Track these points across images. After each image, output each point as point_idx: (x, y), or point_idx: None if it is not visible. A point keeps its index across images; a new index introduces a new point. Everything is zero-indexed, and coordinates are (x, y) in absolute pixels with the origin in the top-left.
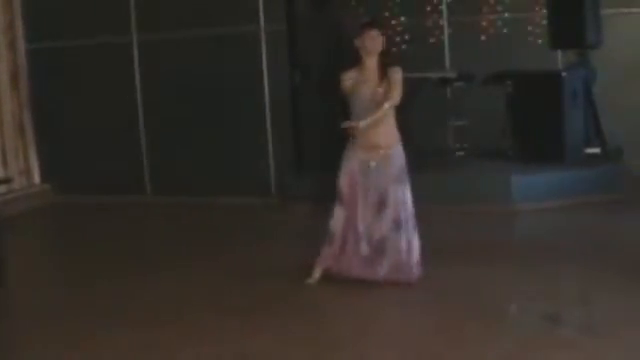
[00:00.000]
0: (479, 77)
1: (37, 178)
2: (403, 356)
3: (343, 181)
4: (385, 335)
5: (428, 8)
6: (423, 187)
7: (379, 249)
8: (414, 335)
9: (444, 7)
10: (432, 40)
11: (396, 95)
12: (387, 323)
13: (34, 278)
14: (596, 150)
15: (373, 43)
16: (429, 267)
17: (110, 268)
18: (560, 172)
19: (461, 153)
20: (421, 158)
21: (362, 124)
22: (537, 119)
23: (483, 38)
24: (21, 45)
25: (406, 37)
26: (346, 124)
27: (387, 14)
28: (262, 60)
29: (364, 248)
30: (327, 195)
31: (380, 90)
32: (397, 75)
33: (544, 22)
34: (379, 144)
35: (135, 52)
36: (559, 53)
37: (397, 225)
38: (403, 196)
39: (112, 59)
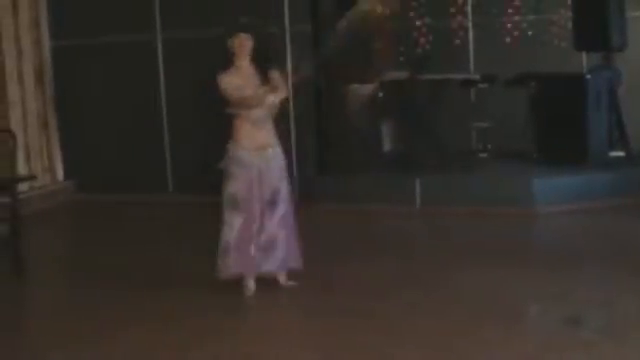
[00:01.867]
0: (503, 79)
1: (61, 175)
2: (425, 357)
3: (237, 187)
4: (406, 336)
5: (453, 9)
6: (445, 188)
7: (272, 244)
8: (434, 336)
9: (469, 9)
10: (456, 42)
11: (283, 91)
12: (407, 324)
13: (54, 275)
14: (620, 153)
15: (241, 45)
16: (450, 269)
17: (130, 266)
18: (583, 175)
19: (484, 155)
20: (444, 159)
21: (251, 113)
22: (561, 121)
23: (507, 40)
24: (46, 43)
25: (430, 38)
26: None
27: (412, 14)
28: (286, 60)
29: (255, 247)
30: (349, 195)
31: (259, 92)
32: (276, 74)
33: (569, 24)
34: (267, 143)
35: (159, 50)
36: (583, 55)
37: (284, 221)
38: (287, 193)
39: (136, 57)
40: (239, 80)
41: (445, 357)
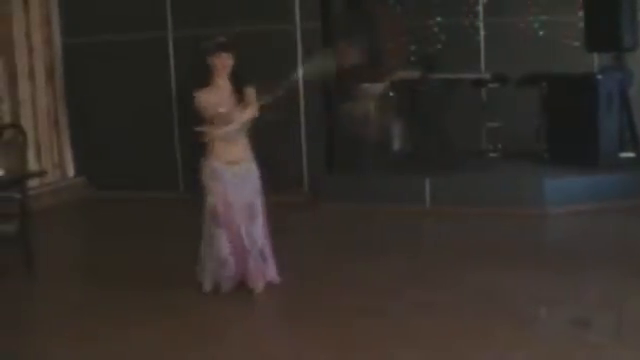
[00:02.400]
0: (514, 79)
1: (71, 172)
2: (431, 357)
3: (216, 200)
4: (413, 336)
5: (465, 9)
6: (455, 188)
7: (262, 256)
8: (443, 337)
9: (480, 8)
10: (468, 41)
11: (254, 108)
12: (415, 323)
13: (64, 271)
14: (630, 154)
15: (222, 64)
16: (460, 270)
17: (140, 264)
18: (594, 176)
19: (494, 155)
20: (455, 159)
21: (221, 131)
22: (572, 122)
23: (519, 40)
24: (57, 40)
25: (442, 38)
26: (201, 129)
27: (424, 14)
28: (297, 58)
29: (252, 258)
30: (359, 195)
31: (234, 109)
32: (251, 93)
33: (580, 24)
34: (241, 158)
35: (170, 48)
36: (595, 56)
37: (264, 232)
38: (262, 207)
39: (147, 54)
40: (215, 98)
41: (451, 358)
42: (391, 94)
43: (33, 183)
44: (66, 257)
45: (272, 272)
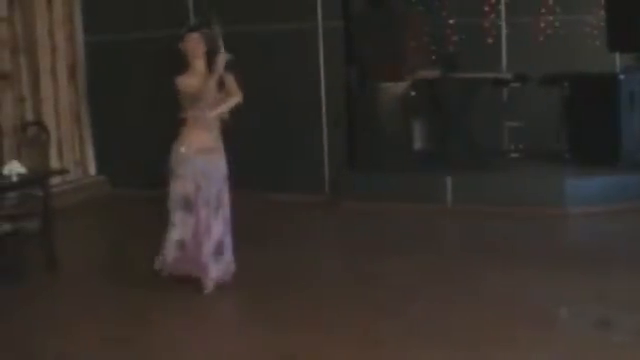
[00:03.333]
0: (535, 78)
1: (92, 170)
2: (451, 356)
3: (186, 187)
4: (434, 335)
5: (486, 8)
6: (476, 188)
7: (219, 249)
8: (462, 336)
9: (502, 7)
10: (489, 40)
11: (239, 93)
12: (435, 323)
13: (85, 269)
14: None
15: (194, 46)
16: (480, 269)
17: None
18: (615, 176)
19: (515, 154)
20: (476, 159)
21: (213, 113)
22: (593, 122)
23: (540, 39)
24: (79, 38)
25: (463, 37)
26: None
27: (445, 13)
28: (319, 57)
29: (207, 250)
30: (380, 194)
31: (218, 96)
32: (230, 78)
33: (602, 24)
34: (211, 147)
35: None
36: (617, 55)
37: (226, 224)
38: (227, 197)
39: (169, 52)
40: (195, 80)
41: (472, 358)
42: (412, 93)
43: (55, 181)
44: (87, 255)
45: (223, 268)
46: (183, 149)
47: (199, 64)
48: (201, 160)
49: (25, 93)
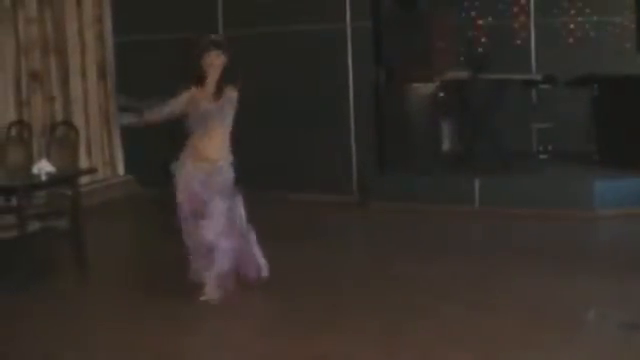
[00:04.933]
0: (564, 80)
1: (121, 169)
2: (477, 355)
3: (181, 197)
4: (462, 337)
5: (515, 9)
6: (505, 189)
7: (211, 253)
8: (490, 339)
9: (531, 9)
10: (518, 42)
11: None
12: (463, 325)
13: (112, 268)
14: None
15: (212, 62)
16: (509, 272)
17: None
18: None
19: (544, 156)
20: (504, 160)
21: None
22: (622, 123)
23: (570, 41)
24: (109, 38)
25: (492, 38)
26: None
27: (474, 14)
28: (348, 58)
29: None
30: (409, 195)
31: (212, 107)
32: (232, 94)
33: (633, 26)
34: (214, 156)
35: None
36: None
37: (218, 232)
38: (235, 206)
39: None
40: (199, 93)
41: (495, 358)
42: (441, 94)
43: (84, 180)
44: (115, 254)
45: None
46: (184, 159)
47: (211, 83)
48: (200, 168)
49: (55, 93)
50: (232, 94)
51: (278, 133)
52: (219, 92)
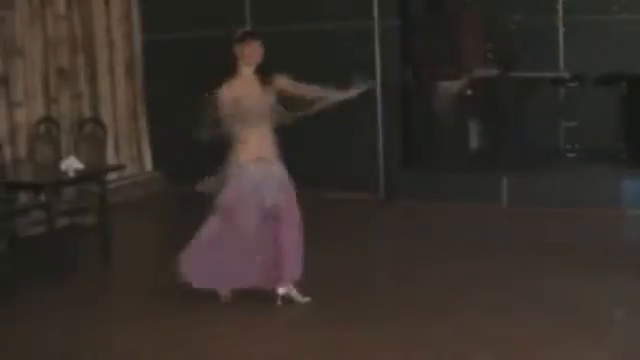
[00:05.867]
0: (593, 78)
1: (149, 166)
2: (499, 356)
3: (228, 197)
4: (483, 337)
5: (544, 7)
6: (532, 188)
7: (275, 260)
8: (516, 340)
9: (560, 6)
10: (546, 40)
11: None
12: (485, 325)
13: (140, 264)
14: None
15: (253, 54)
16: (535, 271)
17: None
18: None
19: (572, 154)
20: (531, 158)
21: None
22: None
23: (599, 38)
24: (137, 35)
25: (520, 36)
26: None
27: (502, 12)
28: (375, 55)
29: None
30: (435, 193)
31: (268, 99)
32: (286, 79)
33: None
34: (265, 157)
35: None
36: None
37: (289, 240)
38: (289, 208)
39: (225, 51)
40: (239, 91)
41: (519, 358)
42: (469, 92)
43: (112, 177)
44: (142, 250)
45: (287, 278)
46: (235, 159)
47: (248, 73)
48: (252, 170)
49: (83, 90)
50: (286, 80)
51: (306, 129)
52: (261, 84)
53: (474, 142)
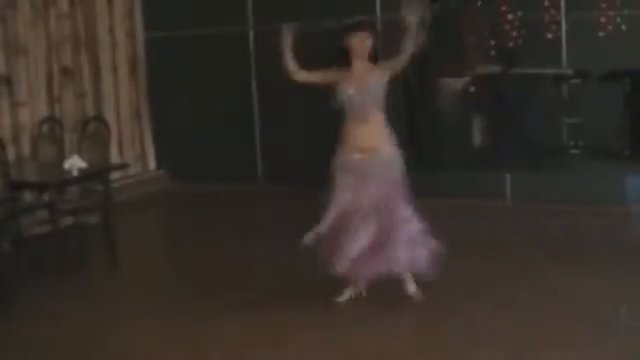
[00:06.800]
0: (596, 75)
1: (152, 165)
2: (511, 357)
3: (337, 192)
4: (490, 335)
5: (546, 3)
6: (536, 185)
7: (383, 247)
8: (520, 337)
9: (562, 3)
10: (549, 36)
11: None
12: (493, 323)
13: (146, 263)
14: None
15: (361, 45)
16: (539, 268)
17: (220, 256)
18: None
19: (575, 151)
20: (535, 155)
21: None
22: None
23: (601, 35)
24: (140, 34)
25: (523, 32)
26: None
27: (504, 9)
28: (378, 52)
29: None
30: (439, 190)
31: (379, 88)
32: (389, 62)
33: None
34: (372, 144)
35: (251, 42)
36: None
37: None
38: (400, 198)
39: (228, 49)
40: (346, 77)
41: (532, 358)
42: (472, 89)
43: (115, 175)
44: (147, 249)
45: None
46: (340, 152)
47: (359, 65)
48: (357, 162)
49: (86, 88)
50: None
51: (311, 126)
52: (368, 74)
53: (477, 139)
